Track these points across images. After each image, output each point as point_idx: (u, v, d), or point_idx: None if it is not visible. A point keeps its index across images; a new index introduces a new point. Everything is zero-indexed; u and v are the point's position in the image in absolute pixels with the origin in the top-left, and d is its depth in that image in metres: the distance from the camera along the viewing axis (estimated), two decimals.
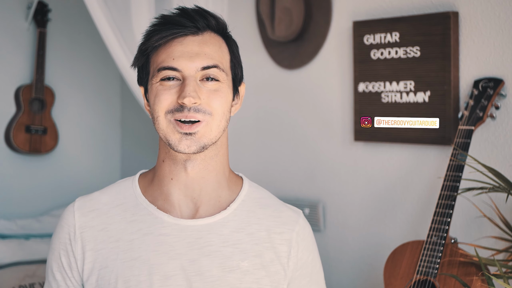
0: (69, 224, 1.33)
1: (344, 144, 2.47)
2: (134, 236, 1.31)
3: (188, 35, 1.30)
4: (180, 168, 1.33)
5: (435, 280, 1.88)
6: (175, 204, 1.34)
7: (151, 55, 1.32)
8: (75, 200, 1.37)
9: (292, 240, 1.36)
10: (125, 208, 1.34)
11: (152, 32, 1.32)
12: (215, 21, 1.33)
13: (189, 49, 1.29)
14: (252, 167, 2.77)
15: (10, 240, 2.91)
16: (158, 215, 1.32)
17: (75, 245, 1.32)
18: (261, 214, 1.37)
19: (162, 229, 1.31)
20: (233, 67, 1.35)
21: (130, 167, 3.55)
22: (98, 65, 3.48)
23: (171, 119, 1.28)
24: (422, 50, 2.19)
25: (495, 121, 2.06)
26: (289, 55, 2.62)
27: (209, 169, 1.33)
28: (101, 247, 1.31)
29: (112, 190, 1.38)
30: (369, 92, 2.34)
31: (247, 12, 2.77)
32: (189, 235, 1.31)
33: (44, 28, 3.22)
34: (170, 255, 1.29)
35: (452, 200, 1.93)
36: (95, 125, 3.52)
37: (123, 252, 1.30)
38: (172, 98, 1.28)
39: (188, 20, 1.30)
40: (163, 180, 1.34)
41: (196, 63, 1.28)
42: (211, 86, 1.29)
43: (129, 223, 1.32)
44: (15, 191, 3.21)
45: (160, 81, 1.29)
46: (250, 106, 2.71)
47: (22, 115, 3.17)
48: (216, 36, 1.33)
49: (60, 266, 1.34)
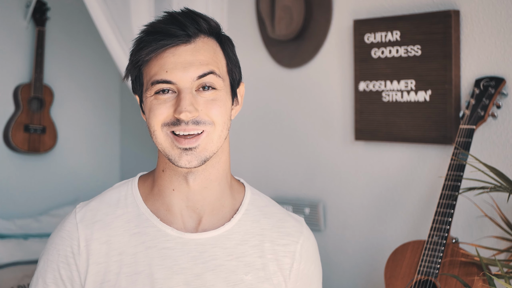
0: (72, 237, 1.28)
1: (345, 143, 2.47)
2: (138, 249, 1.27)
3: (180, 45, 1.24)
4: (181, 179, 1.29)
5: (436, 280, 1.87)
6: (177, 215, 1.30)
7: (143, 67, 1.27)
8: (76, 210, 1.32)
9: (296, 253, 1.34)
10: (127, 219, 1.30)
11: (142, 42, 1.26)
12: (207, 24, 1.28)
13: (182, 59, 1.24)
14: (252, 166, 2.76)
15: (8, 240, 2.90)
16: (161, 227, 1.29)
17: (79, 258, 1.27)
18: (265, 225, 1.34)
19: (165, 243, 1.28)
20: (230, 72, 1.31)
21: (130, 166, 3.54)
22: (97, 64, 3.47)
23: (168, 132, 1.24)
24: (423, 49, 2.19)
25: (496, 120, 2.05)
26: (289, 54, 2.61)
27: (211, 179, 1.30)
28: (103, 260, 1.27)
29: (112, 197, 1.33)
30: (369, 91, 2.33)
31: (247, 10, 2.76)
32: (194, 248, 1.28)
33: (43, 26, 3.21)
34: (174, 270, 1.26)
35: (453, 199, 1.93)
36: (94, 124, 3.51)
37: (127, 266, 1.27)
38: (168, 112, 1.23)
39: (178, 28, 1.24)
40: (164, 191, 1.31)
41: (190, 73, 1.23)
42: (208, 95, 1.25)
43: (132, 236, 1.28)
44: (13, 191, 3.20)
45: (155, 94, 1.24)
46: (250, 105, 2.70)
47: (20, 114, 3.16)
48: (210, 40, 1.28)
49: (57, 279, 1.28)
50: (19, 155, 3.22)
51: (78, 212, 1.30)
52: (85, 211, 1.31)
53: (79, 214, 1.30)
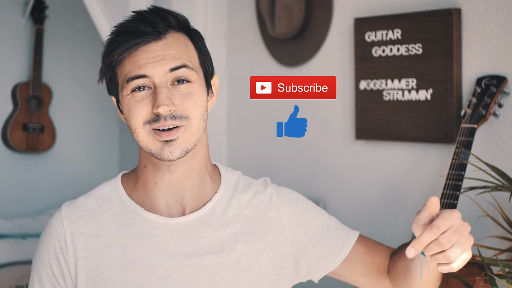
0: (59, 232, 1.32)
1: (345, 142, 2.46)
2: (127, 240, 1.31)
3: (151, 42, 1.28)
4: (163, 172, 1.33)
5: None
6: (162, 205, 1.35)
7: (117, 67, 1.31)
8: (61, 208, 1.35)
9: (272, 204, 1.41)
10: (113, 213, 1.34)
11: (113, 43, 1.30)
12: (176, 20, 1.31)
13: (155, 54, 1.27)
14: (253, 165, 2.76)
15: (7, 239, 2.90)
16: (147, 216, 1.33)
17: (66, 253, 1.30)
18: (240, 196, 1.40)
19: (153, 230, 1.32)
20: (203, 64, 1.34)
21: (129, 165, 3.53)
22: (96, 63, 3.43)
23: (149, 129, 1.28)
24: (424, 47, 2.18)
25: (498, 119, 2.04)
26: (290, 53, 2.60)
27: (192, 168, 1.35)
28: (93, 254, 1.30)
29: (96, 194, 1.37)
30: (370, 90, 2.32)
31: (247, 9, 2.76)
32: (181, 231, 1.32)
33: (41, 25, 3.20)
34: (165, 255, 1.30)
35: (454, 199, 1.92)
36: (93, 123, 3.50)
37: (117, 257, 1.29)
38: (147, 109, 1.27)
39: (148, 26, 1.28)
40: (147, 185, 1.35)
41: (163, 66, 1.27)
42: (183, 89, 1.29)
43: (119, 228, 1.32)
44: (12, 190, 3.19)
45: (131, 92, 1.28)
46: (250, 104, 2.70)
47: (19, 113, 3.15)
48: (180, 35, 1.32)
49: (50, 276, 1.31)
50: (17, 154, 3.21)
51: (63, 209, 1.35)
52: (70, 208, 1.35)
53: (64, 211, 1.34)
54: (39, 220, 3.12)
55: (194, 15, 2.64)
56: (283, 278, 1.38)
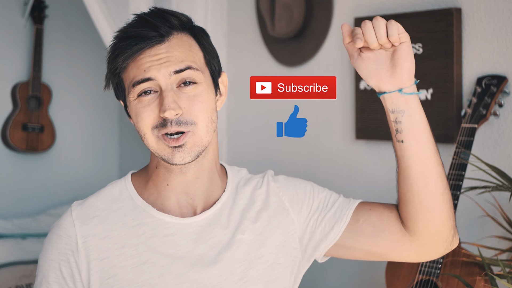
0: (70, 234, 1.30)
1: (345, 142, 2.46)
2: (139, 240, 1.30)
3: (154, 46, 1.27)
4: (175, 174, 1.33)
5: (438, 280, 1.87)
6: (174, 206, 1.34)
7: (122, 73, 1.30)
8: (71, 208, 1.33)
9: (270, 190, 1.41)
10: (124, 213, 1.33)
11: (116, 49, 1.29)
12: (178, 20, 1.30)
13: (158, 57, 1.26)
14: (253, 165, 2.75)
15: (6, 239, 2.89)
16: (159, 217, 1.32)
17: (77, 255, 1.29)
18: (243, 189, 1.41)
19: (166, 230, 1.31)
20: (209, 63, 1.33)
21: (128, 165, 3.53)
22: (96, 62, 3.45)
23: (158, 134, 1.27)
24: (424, 47, 2.18)
25: (498, 119, 2.04)
26: (290, 52, 2.60)
27: (203, 168, 1.34)
28: (106, 255, 1.29)
29: (106, 194, 1.36)
30: (370, 90, 2.32)
31: (247, 8, 2.75)
32: (192, 231, 1.32)
33: (41, 24, 3.20)
34: (178, 255, 1.30)
35: (455, 199, 1.92)
36: (93, 123, 3.50)
37: (130, 258, 1.29)
38: (154, 114, 1.26)
39: (150, 29, 1.27)
40: (159, 186, 1.35)
41: (168, 68, 1.26)
42: (190, 91, 1.27)
43: (131, 228, 1.31)
44: (11, 190, 3.19)
45: (138, 97, 1.27)
46: (250, 103, 2.70)
47: (18, 113, 3.14)
48: (183, 35, 1.30)
49: (59, 277, 1.30)
50: (17, 154, 3.21)
51: (73, 210, 1.32)
52: (81, 209, 1.33)
53: (75, 212, 1.32)
54: (39, 220, 3.12)
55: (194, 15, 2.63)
56: (295, 263, 1.38)
